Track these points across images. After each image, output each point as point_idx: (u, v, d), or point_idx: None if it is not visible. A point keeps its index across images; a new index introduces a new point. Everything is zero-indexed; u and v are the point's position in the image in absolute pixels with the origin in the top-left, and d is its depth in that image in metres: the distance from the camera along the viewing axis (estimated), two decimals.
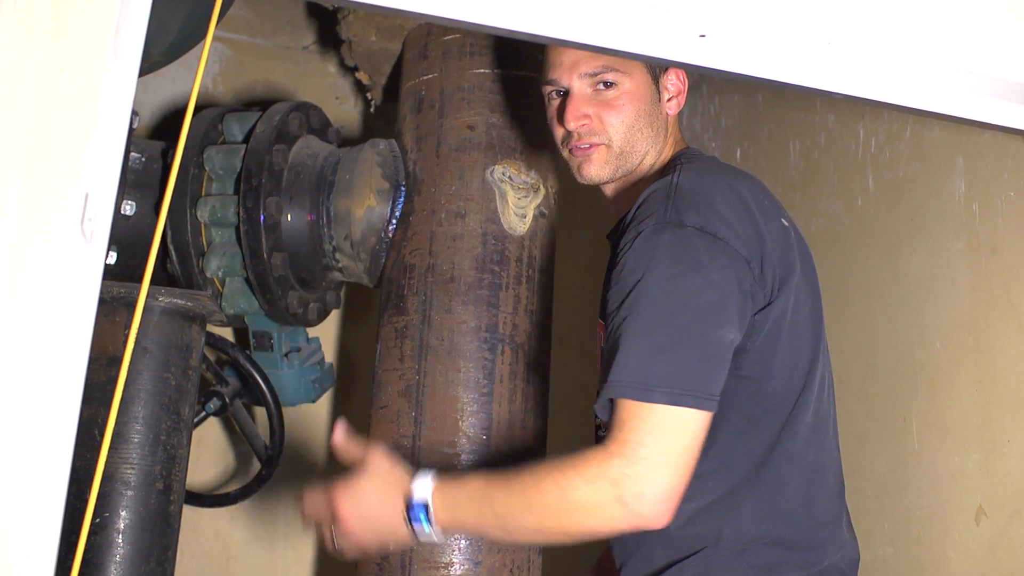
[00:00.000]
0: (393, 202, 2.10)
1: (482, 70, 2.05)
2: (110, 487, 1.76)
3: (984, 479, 1.74)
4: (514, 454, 1.91)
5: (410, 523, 1.33)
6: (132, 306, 1.84)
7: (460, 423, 1.87)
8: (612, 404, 1.28)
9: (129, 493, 1.77)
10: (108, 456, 1.77)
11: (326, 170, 2.16)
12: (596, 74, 1.54)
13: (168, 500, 1.82)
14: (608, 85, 1.54)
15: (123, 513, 1.76)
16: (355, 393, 2.75)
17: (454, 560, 1.83)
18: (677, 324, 1.27)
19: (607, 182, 1.59)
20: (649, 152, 1.58)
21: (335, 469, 1.43)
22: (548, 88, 1.61)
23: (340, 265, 2.17)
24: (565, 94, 1.58)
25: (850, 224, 2.17)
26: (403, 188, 2.10)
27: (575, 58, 1.55)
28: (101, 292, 1.90)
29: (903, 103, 1.29)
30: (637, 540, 1.45)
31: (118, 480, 1.77)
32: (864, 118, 2.15)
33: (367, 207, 2.08)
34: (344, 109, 2.94)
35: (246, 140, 2.17)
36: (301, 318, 2.22)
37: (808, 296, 1.47)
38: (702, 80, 2.81)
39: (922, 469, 1.88)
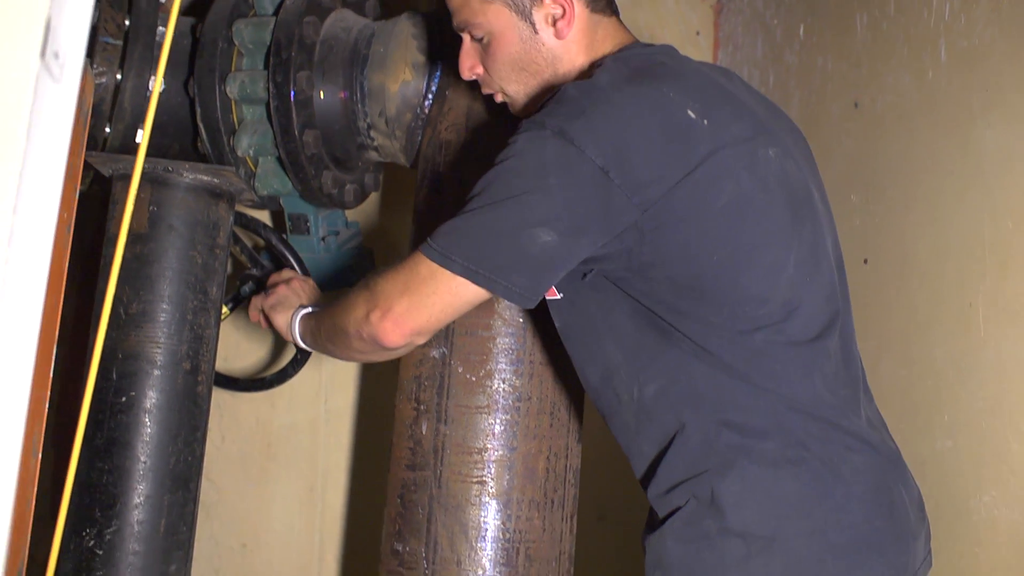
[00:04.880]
0: (429, 76, 1.99)
1: None
2: (136, 366, 1.72)
3: None
4: (548, 337, 1.83)
5: (290, 325, 1.77)
6: (156, 182, 1.78)
7: (496, 303, 1.79)
8: None
9: (156, 372, 1.73)
10: (134, 335, 1.73)
11: (360, 44, 2.05)
12: (462, 29, 1.57)
13: (196, 380, 1.78)
14: (478, 38, 1.56)
15: (150, 392, 1.72)
16: None
17: (488, 446, 1.77)
18: (494, 215, 1.38)
19: (532, 111, 1.55)
20: (549, 81, 1.56)
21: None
22: None
23: (375, 144, 2.08)
24: None
25: (919, 99, 2.02)
26: (440, 61, 1.99)
27: (451, 9, 1.58)
28: (124, 167, 1.83)
29: None
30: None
31: (144, 359, 1.72)
32: None
33: (402, 81, 1.98)
34: None
35: (276, 13, 2.06)
36: (336, 199, 2.14)
37: (765, 175, 1.42)
38: None
39: (987, 358, 1.76)
